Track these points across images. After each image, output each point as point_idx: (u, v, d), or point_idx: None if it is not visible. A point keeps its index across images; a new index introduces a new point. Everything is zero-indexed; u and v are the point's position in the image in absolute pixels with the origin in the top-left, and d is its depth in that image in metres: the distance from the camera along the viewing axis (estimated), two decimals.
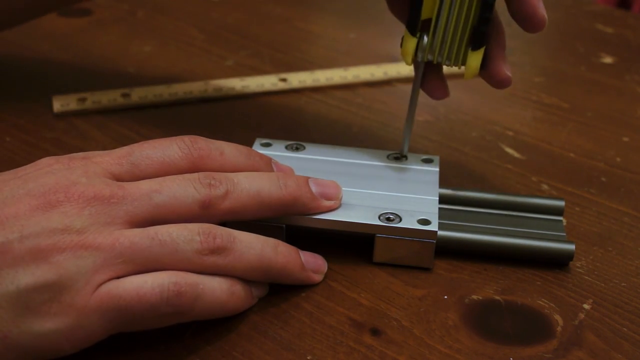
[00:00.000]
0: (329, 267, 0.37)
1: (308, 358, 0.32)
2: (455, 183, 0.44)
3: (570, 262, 0.38)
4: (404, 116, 0.42)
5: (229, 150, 0.35)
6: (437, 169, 0.41)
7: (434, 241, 0.36)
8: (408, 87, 0.57)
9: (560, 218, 0.40)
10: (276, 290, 0.35)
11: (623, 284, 0.37)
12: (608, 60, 0.64)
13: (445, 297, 0.36)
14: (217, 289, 0.31)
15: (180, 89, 0.54)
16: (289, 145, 0.42)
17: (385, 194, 0.39)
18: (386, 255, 0.37)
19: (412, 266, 0.37)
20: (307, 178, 0.36)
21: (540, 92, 0.58)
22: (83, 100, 0.52)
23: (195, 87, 0.55)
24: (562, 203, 0.41)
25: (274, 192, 0.34)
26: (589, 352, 0.33)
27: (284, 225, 0.36)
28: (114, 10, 0.70)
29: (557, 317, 0.35)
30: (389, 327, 0.34)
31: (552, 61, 0.64)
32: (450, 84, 0.42)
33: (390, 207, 0.37)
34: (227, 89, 0.55)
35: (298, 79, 0.56)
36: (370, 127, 0.51)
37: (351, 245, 0.38)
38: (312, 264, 0.36)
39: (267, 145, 0.42)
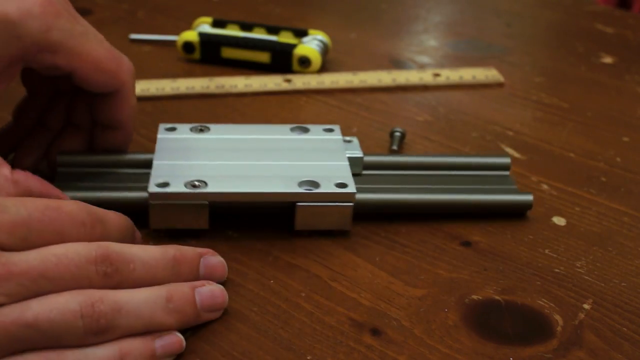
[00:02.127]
0: (329, 267, 0.37)
1: (308, 358, 0.32)
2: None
3: (570, 262, 0.38)
4: (405, 117, 0.42)
5: (146, 263, 0.32)
6: (340, 137, 0.42)
7: (352, 203, 0.38)
8: (411, 91, 0.57)
9: (507, 173, 0.43)
10: (276, 290, 0.35)
11: (623, 284, 0.37)
12: (608, 60, 0.64)
13: (445, 297, 0.36)
14: None
15: (183, 84, 0.55)
16: (193, 127, 0.43)
17: (297, 163, 0.39)
18: (307, 223, 0.38)
19: (331, 231, 0.39)
20: (200, 255, 0.34)
21: (540, 92, 0.58)
22: None
23: (197, 83, 0.55)
24: (507, 160, 0.43)
25: (165, 277, 0.32)
26: (589, 352, 0.33)
27: (207, 202, 0.37)
28: (114, 10, 0.70)
29: (557, 317, 0.35)
30: (389, 327, 0.34)
31: (552, 61, 0.64)
32: (450, 84, 0.42)
33: (306, 175, 0.38)
34: (230, 86, 0.55)
35: (302, 80, 0.56)
36: (370, 128, 0.51)
37: (267, 219, 0.39)
38: (209, 306, 0.33)
39: (172, 129, 0.42)
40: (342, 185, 0.38)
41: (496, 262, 0.38)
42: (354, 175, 0.40)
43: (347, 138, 0.43)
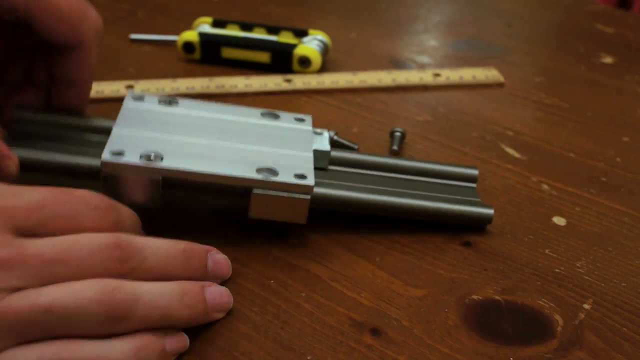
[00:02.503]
0: (329, 267, 0.37)
1: (308, 358, 0.32)
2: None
3: (571, 262, 0.38)
4: (405, 117, 0.42)
5: (158, 252, 0.32)
6: (310, 128, 0.42)
7: (309, 196, 0.37)
8: (411, 91, 0.57)
9: (474, 185, 0.42)
10: (276, 290, 0.35)
11: (623, 284, 0.37)
12: (608, 60, 0.64)
13: (445, 297, 0.36)
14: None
15: (183, 84, 0.55)
16: (162, 99, 0.41)
17: (261, 149, 0.38)
18: (262, 211, 0.37)
19: (286, 222, 0.38)
20: (207, 251, 0.35)
21: (540, 92, 0.58)
22: None
23: (197, 83, 0.55)
24: (475, 171, 0.42)
25: (176, 269, 0.32)
26: (589, 352, 0.33)
27: (160, 178, 0.35)
28: (114, 10, 0.70)
29: (557, 317, 0.35)
30: (389, 327, 0.34)
31: (552, 61, 0.64)
32: (450, 84, 0.42)
33: (267, 162, 0.37)
34: (230, 86, 0.55)
35: (302, 80, 0.56)
36: (370, 128, 0.51)
37: (226, 207, 0.39)
38: (217, 304, 0.33)
39: (140, 98, 0.41)
40: (301, 176, 0.37)
41: (496, 262, 0.38)
42: (319, 169, 0.40)
43: (318, 130, 0.42)
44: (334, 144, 0.47)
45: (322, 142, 0.41)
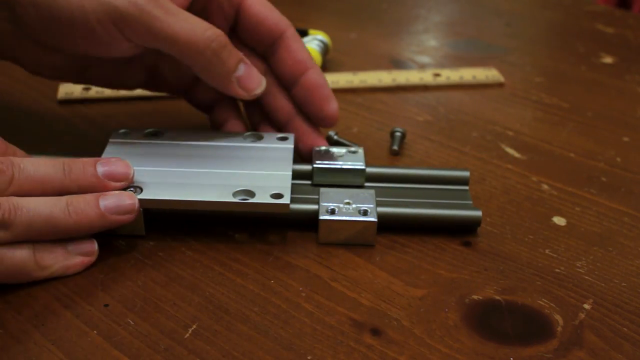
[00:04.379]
0: (329, 267, 0.37)
1: (308, 358, 0.32)
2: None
3: (571, 262, 0.38)
4: (405, 117, 0.42)
5: (35, 162, 0.35)
6: (292, 146, 0.42)
7: (375, 219, 0.38)
8: (412, 91, 0.57)
9: (466, 187, 0.42)
10: (276, 290, 0.35)
11: (623, 284, 0.37)
12: (608, 60, 0.64)
13: (445, 297, 0.36)
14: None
15: None
16: (148, 132, 0.43)
17: (239, 172, 0.39)
18: (330, 237, 0.38)
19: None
20: (95, 160, 0.37)
21: (540, 92, 0.58)
22: (87, 89, 0.53)
23: None
24: (467, 173, 0.42)
25: (57, 177, 0.35)
26: (589, 352, 0.33)
27: (140, 209, 0.37)
28: None
29: (557, 317, 0.35)
30: (389, 327, 0.34)
31: (552, 61, 0.64)
32: (450, 84, 0.42)
33: (244, 185, 0.38)
34: None
35: None
36: (370, 127, 0.51)
37: (219, 227, 0.39)
38: (114, 208, 0.35)
39: (126, 134, 0.43)
40: (278, 195, 0.37)
41: (496, 262, 0.38)
42: (356, 187, 0.40)
43: (353, 148, 0.43)
44: (334, 144, 0.47)
45: (357, 160, 0.42)
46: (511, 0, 0.79)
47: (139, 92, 0.53)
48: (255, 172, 0.39)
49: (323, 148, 0.43)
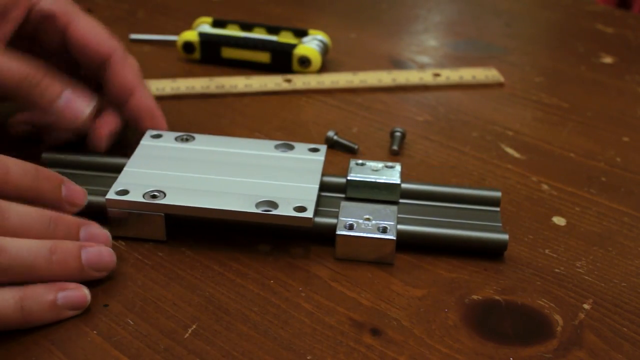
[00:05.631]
0: (329, 267, 0.37)
1: (308, 358, 0.32)
2: (455, 183, 0.44)
3: (570, 262, 0.38)
4: (405, 117, 0.42)
5: (15, 169, 0.35)
6: (322, 158, 0.41)
7: (394, 237, 0.37)
8: (412, 91, 0.57)
9: (498, 209, 0.40)
10: (276, 290, 0.35)
11: (623, 284, 0.37)
12: (608, 60, 0.64)
13: (445, 297, 0.36)
14: None
15: (183, 84, 0.55)
16: (178, 136, 0.43)
17: (266, 182, 0.39)
18: (348, 253, 0.37)
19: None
20: (80, 223, 0.36)
21: (540, 92, 0.58)
22: None
23: (197, 83, 0.55)
24: (498, 194, 0.41)
25: (40, 231, 0.34)
26: (589, 352, 0.33)
27: (162, 214, 0.37)
28: (114, 10, 0.70)
29: (557, 317, 0.35)
30: (389, 327, 0.34)
31: (552, 61, 0.64)
32: (450, 84, 0.42)
33: (268, 195, 0.37)
34: (230, 86, 0.55)
35: (302, 80, 0.56)
36: (370, 128, 0.51)
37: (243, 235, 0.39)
38: (95, 263, 0.35)
39: (158, 136, 0.43)
40: (301, 209, 0.37)
41: (496, 262, 0.38)
42: (390, 202, 0.40)
43: (390, 164, 0.42)
44: (333, 144, 0.47)
45: (393, 175, 0.41)
46: (511, 0, 0.79)
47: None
48: (282, 183, 0.39)
49: (360, 161, 0.42)
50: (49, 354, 0.31)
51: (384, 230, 0.37)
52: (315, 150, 0.42)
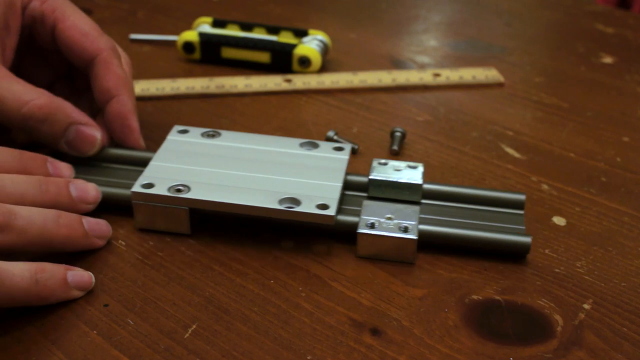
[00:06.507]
0: (329, 267, 0.37)
1: (308, 358, 0.32)
2: (455, 183, 0.44)
3: (570, 262, 0.38)
4: (405, 117, 0.42)
5: (14, 180, 0.36)
6: (347, 157, 0.42)
7: (415, 237, 0.37)
8: (412, 91, 0.57)
9: (522, 212, 0.40)
10: (276, 290, 0.35)
11: (623, 284, 0.37)
12: (608, 60, 0.64)
13: (445, 297, 0.36)
14: (16, 276, 0.32)
15: (183, 84, 0.55)
16: (204, 132, 0.43)
17: (289, 179, 0.39)
18: (369, 251, 0.38)
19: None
20: (68, 181, 0.38)
21: (540, 92, 0.58)
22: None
23: (197, 83, 0.55)
24: (522, 197, 0.41)
25: (33, 193, 0.36)
26: (589, 352, 0.33)
27: (187, 208, 0.37)
28: (114, 10, 0.70)
29: (557, 317, 0.35)
30: (389, 327, 0.34)
31: (552, 61, 0.64)
32: (450, 84, 0.42)
33: (291, 192, 0.38)
34: (230, 86, 0.55)
35: (302, 80, 0.56)
36: (370, 128, 0.51)
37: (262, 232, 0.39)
38: (96, 230, 0.37)
39: (184, 132, 0.43)
40: (324, 206, 0.37)
41: (496, 262, 0.38)
42: (411, 202, 0.40)
43: (412, 164, 0.42)
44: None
45: (415, 175, 0.41)
46: (511, 0, 0.79)
47: (137, 92, 0.53)
48: (305, 180, 0.39)
49: (383, 160, 0.42)
50: (49, 354, 0.31)
51: (406, 229, 0.37)
52: (339, 149, 0.42)
